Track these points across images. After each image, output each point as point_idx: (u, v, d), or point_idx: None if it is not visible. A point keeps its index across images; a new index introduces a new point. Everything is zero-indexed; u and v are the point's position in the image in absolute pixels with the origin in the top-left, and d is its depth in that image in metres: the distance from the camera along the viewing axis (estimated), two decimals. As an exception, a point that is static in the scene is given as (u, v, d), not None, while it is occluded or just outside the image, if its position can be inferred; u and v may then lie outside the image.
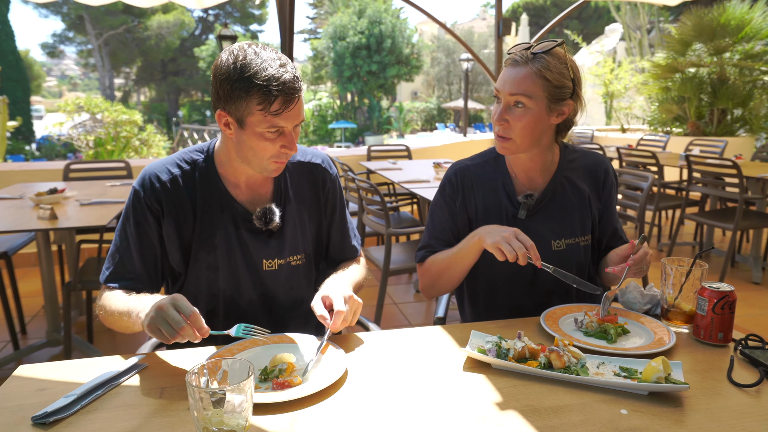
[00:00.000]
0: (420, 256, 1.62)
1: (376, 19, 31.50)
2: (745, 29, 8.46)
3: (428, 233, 1.63)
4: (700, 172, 4.58)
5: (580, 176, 1.60)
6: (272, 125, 1.23)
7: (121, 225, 1.38)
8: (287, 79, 1.20)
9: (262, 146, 1.26)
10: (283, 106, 1.21)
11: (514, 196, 1.56)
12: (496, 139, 1.50)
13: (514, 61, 1.43)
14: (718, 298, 1.21)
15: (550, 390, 1.06)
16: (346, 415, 0.98)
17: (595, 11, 32.68)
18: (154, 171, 1.37)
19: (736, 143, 7.82)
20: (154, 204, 1.35)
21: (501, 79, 1.45)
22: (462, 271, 1.54)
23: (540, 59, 1.40)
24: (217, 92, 1.24)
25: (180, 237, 1.37)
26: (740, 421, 0.95)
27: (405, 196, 5.08)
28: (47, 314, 3.10)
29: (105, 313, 1.31)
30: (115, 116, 9.33)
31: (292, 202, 1.46)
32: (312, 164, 1.52)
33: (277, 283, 1.45)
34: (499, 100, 1.46)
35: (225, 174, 1.39)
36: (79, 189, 3.45)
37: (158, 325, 1.07)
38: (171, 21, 36.74)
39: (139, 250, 1.35)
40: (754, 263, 4.46)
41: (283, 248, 1.44)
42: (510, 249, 1.30)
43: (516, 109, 1.43)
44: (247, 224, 1.40)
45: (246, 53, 1.21)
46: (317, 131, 33.54)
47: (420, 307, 3.92)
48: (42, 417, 0.94)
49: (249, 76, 1.19)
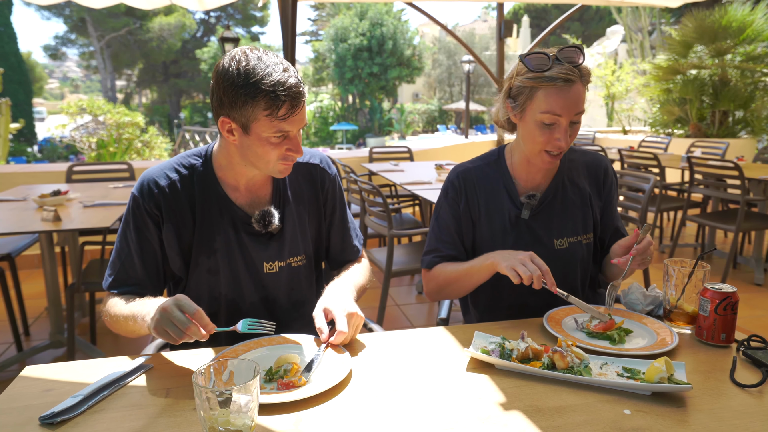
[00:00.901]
0: (427, 262, 1.62)
1: (377, 21, 31.55)
2: (747, 31, 8.46)
3: (434, 236, 1.63)
4: (701, 174, 4.58)
5: (581, 175, 1.61)
6: (278, 130, 1.23)
7: (122, 231, 1.38)
8: (292, 83, 1.20)
9: (267, 151, 1.26)
10: (289, 111, 1.21)
11: (516, 196, 1.57)
12: (545, 156, 1.46)
13: (567, 81, 1.37)
14: (721, 299, 1.22)
15: (553, 390, 1.06)
16: (350, 416, 0.98)
17: (597, 13, 32.69)
18: (152, 176, 1.36)
19: (737, 145, 7.81)
20: (153, 210, 1.34)
21: (558, 103, 1.38)
22: (470, 286, 1.55)
23: (584, 72, 1.40)
24: (221, 98, 1.22)
25: (180, 242, 1.37)
26: (743, 422, 0.95)
27: (407, 197, 5.09)
28: (50, 316, 3.10)
29: (110, 319, 1.32)
30: (117, 118, 9.35)
31: (291, 203, 1.46)
32: (310, 165, 1.52)
33: (279, 285, 1.45)
34: (556, 123, 1.41)
35: (224, 177, 1.39)
36: (82, 191, 3.46)
37: (165, 327, 1.08)
38: (173, 23, 36.82)
39: (140, 256, 1.36)
40: (756, 265, 4.46)
41: (283, 250, 1.44)
42: (525, 270, 1.30)
43: (573, 126, 1.42)
44: (246, 227, 1.40)
45: (249, 58, 1.20)
46: (318, 133, 33.58)
47: (422, 308, 3.93)
48: (49, 417, 0.95)
49: (254, 81, 1.17)
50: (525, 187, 1.58)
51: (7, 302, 3.16)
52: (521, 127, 1.50)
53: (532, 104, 1.42)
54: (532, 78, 1.40)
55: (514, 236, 1.55)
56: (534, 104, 1.42)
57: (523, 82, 1.43)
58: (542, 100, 1.39)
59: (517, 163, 1.59)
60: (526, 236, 1.55)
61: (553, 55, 1.40)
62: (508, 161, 1.61)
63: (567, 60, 1.39)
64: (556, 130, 1.41)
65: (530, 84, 1.41)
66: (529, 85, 1.41)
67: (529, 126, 1.45)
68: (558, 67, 1.38)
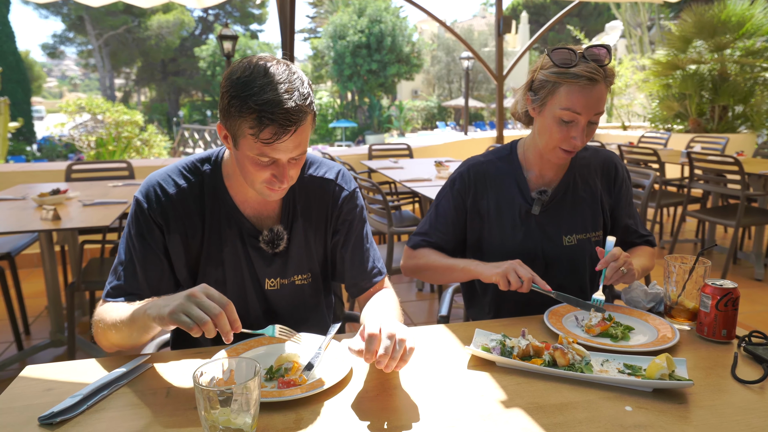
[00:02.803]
0: (414, 242, 1.64)
1: (376, 18, 31.48)
2: (746, 26, 8.44)
3: (428, 222, 1.64)
4: (701, 169, 4.58)
5: (592, 173, 1.62)
6: (262, 153, 1.14)
7: (125, 238, 1.31)
8: (287, 107, 1.09)
9: (252, 171, 1.18)
10: (274, 137, 1.10)
11: (527, 192, 1.57)
12: (559, 152, 1.45)
13: (591, 80, 1.35)
14: (722, 295, 1.22)
15: (554, 387, 1.06)
16: (351, 414, 0.98)
17: (596, 9, 32.63)
18: (159, 182, 1.30)
19: (737, 140, 7.81)
20: (158, 218, 1.28)
21: (579, 101, 1.37)
22: (447, 280, 1.61)
23: (609, 72, 1.38)
24: (221, 103, 1.16)
25: (187, 251, 1.32)
26: (744, 417, 0.95)
27: (407, 194, 5.09)
28: (51, 315, 3.10)
29: (104, 326, 1.22)
30: (116, 117, 9.33)
31: (300, 220, 1.39)
32: (325, 180, 1.41)
33: (281, 301, 1.41)
34: (575, 121, 1.40)
35: (232, 187, 1.33)
36: (82, 190, 3.46)
37: (189, 311, 0.98)
38: (171, 21, 36.73)
39: (143, 265, 1.29)
40: (756, 260, 4.46)
41: (287, 268, 1.38)
42: (516, 278, 1.34)
43: (591, 126, 1.42)
44: (252, 241, 1.34)
45: (254, 70, 1.11)
46: (317, 130, 33.54)
47: (422, 305, 3.93)
48: (49, 417, 0.95)
49: (246, 95, 1.09)
50: (536, 183, 1.58)
51: (7, 301, 3.16)
52: (539, 121, 1.49)
53: (553, 99, 1.41)
54: (556, 73, 1.39)
55: (524, 231, 1.56)
56: (555, 99, 1.41)
57: (546, 76, 1.42)
58: (564, 97, 1.38)
59: (529, 158, 1.59)
60: (536, 232, 1.55)
61: (580, 52, 1.38)
62: (520, 156, 1.61)
63: (593, 58, 1.37)
64: (573, 129, 1.40)
65: (553, 78, 1.40)
66: (553, 79, 1.40)
67: (547, 121, 1.45)
68: (584, 65, 1.36)
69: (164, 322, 1.01)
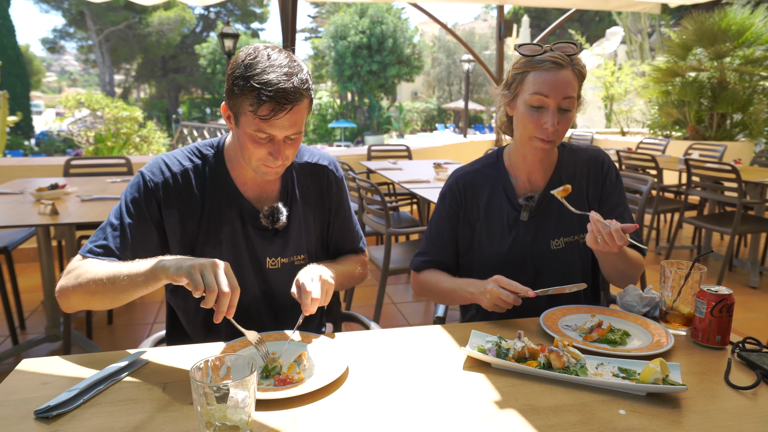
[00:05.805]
0: (416, 264, 1.65)
1: (377, 19, 31.52)
2: (746, 34, 8.48)
3: (426, 240, 1.66)
4: (699, 176, 4.59)
5: (577, 174, 1.60)
6: (260, 129, 1.23)
7: (120, 204, 1.33)
8: (284, 87, 1.19)
9: (250, 147, 1.27)
10: (271, 113, 1.20)
11: (514, 198, 1.57)
12: (536, 142, 1.46)
13: (556, 64, 1.39)
14: (717, 301, 1.22)
15: (549, 390, 1.07)
16: (346, 412, 0.99)
17: (597, 14, 32.70)
18: (164, 160, 1.37)
19: (735, 148, 7.83)
20: (159, 192, 1.33)
21: (546, 83, 1.39)
22: (450, 302, 1.64)
23: (576, 61, 1.42)
24: (226, 84, 1.26)
25: (183, 230, 1.37)
26: (737, 423, 0.96)
27: (405, 196, 5.09)
28: (47, 310, 3.10)
29: (81, 280, 1.20)
30: (115, 113, 9.31)
31: (298, 202, 1.47)
32: (319, 166, 1.53)
33: (279, 281, 1.45)
34: (544, 106, 1.41)
35: (233, 170, 1.40)
36: (80, 185, 3.45)
37: (205, 274, 1.05)
38: (172, 18, 36.72)
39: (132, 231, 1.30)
40: (751, 267, 4.48)
41: (287, 247, 1.45)
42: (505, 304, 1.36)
43: (565, 113, 1.43)
44: (253, 221, 1.40)
45: (258, 54, 1.22)
46: (317, 130, 33.56)
47: (419, 306, 3.93)
48: (45, 411, 0.95)
49: (249, 76, 1.19)
50: (523, 189, 1.58)
51: (4, 296, 3.15)
52: (514, 117, 1.52)
53: (523, 88, 1.45)
54: (524, 63, 1.44)
55: (513, 238, 1.56)
56: (524, 88, 1.45)
57: (516, 69, 1.47)
58: (531, 83, 1.42)
59: (515, 163, 1.59)
60: (524, 238, 1.56)
61: (548, 46, 1.43)
62: (506, 162, 1.61)
63: (559, 50, 1.42)
64: (544, 114, 1.42)
65: (522, 69, 1.45)
66: (521, 70, 1.45)
67: (519, 111, 1.48)
68: (549, 53, 1.41)
69: (180, 271, 1.08)
